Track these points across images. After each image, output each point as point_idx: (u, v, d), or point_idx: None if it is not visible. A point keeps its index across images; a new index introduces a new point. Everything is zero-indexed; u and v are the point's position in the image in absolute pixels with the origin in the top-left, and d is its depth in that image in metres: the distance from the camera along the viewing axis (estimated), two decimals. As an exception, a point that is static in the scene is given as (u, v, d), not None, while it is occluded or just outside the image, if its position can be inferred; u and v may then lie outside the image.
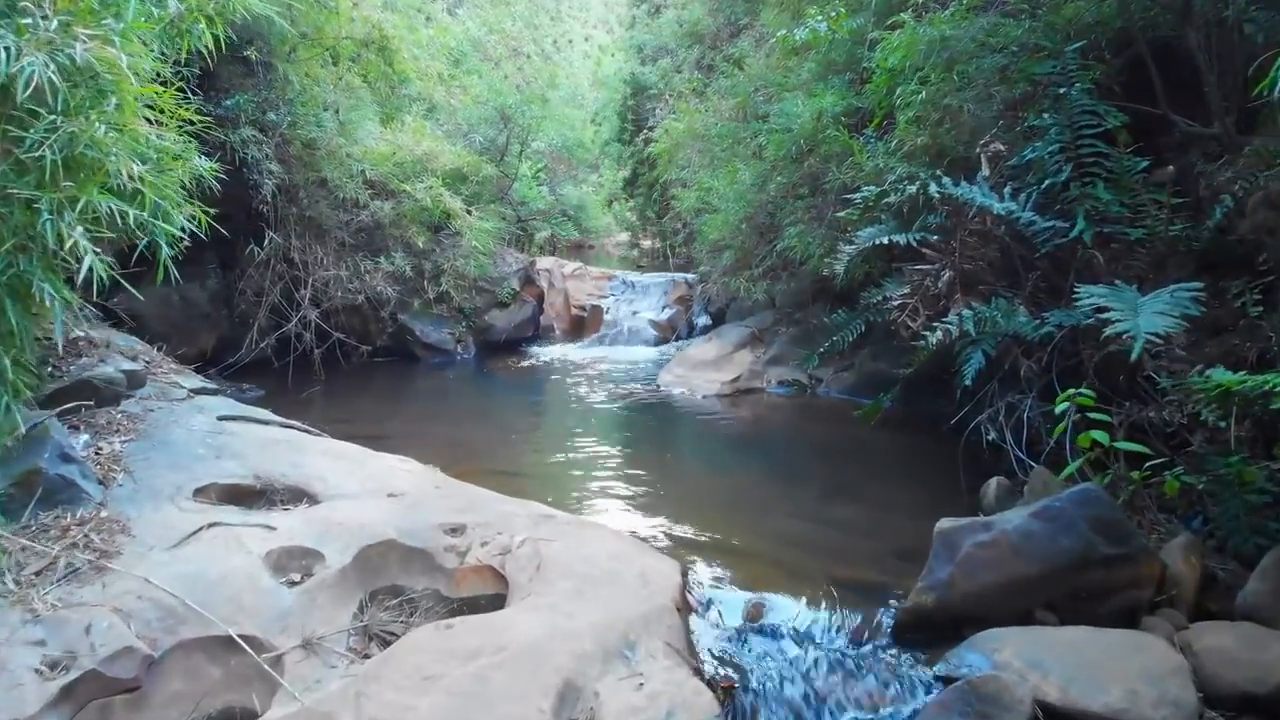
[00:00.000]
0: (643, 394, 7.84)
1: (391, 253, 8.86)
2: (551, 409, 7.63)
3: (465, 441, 6.20)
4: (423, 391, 8.37)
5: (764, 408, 7.49)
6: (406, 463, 4.78)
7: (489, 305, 10.14)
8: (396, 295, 9.00)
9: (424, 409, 7.46)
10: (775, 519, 4.67)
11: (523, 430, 6.62)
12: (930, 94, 5.63)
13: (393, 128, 9.52)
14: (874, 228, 5.94)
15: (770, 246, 8.50)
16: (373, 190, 9.00)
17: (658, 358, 9.97)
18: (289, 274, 8.75)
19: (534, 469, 5.53)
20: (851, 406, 7.30)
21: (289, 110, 8.03)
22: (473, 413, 7.22)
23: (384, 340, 9.47)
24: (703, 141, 10.06)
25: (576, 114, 21.63)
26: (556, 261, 13.01)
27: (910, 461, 5.78)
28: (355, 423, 6.84)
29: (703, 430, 6.71)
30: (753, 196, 8.55)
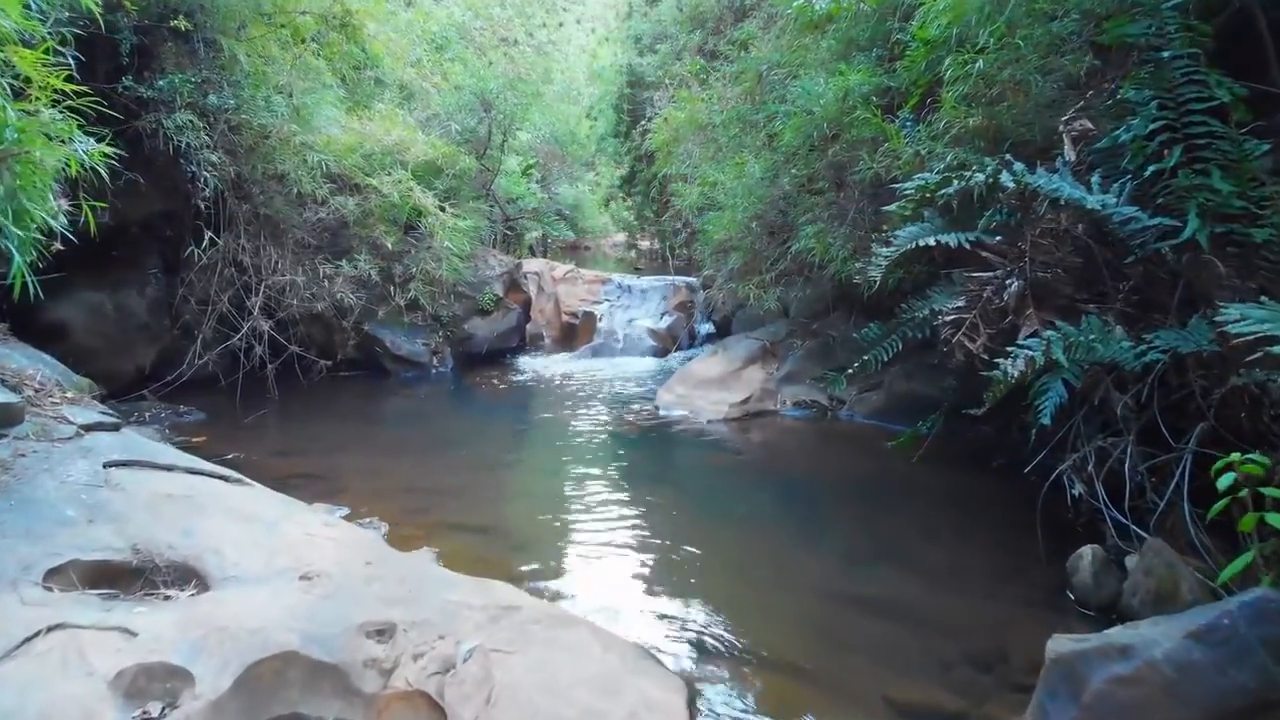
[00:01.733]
0: (639, 418, 6.83)
1: (356, 255, 7.85)
2: (533, 438, 6.62)
3: (426, 483, 5.19)
4: (388, 414, 7.36)
5: (779, 435, 6.48)
6: (336, 524, 3.76)
7: (469, 313, 9.13)
8: (361, 303, 7.99)
9: (386, 437, 6.45)
10: (805, 598, 3.66)
11: (496, 467, 5.61)
12: (987, 65, 4.63)
13: (360, 115, 8.50)
14: (916, 227, 4.93)
15: (783, 248, 7.50)
16: (335, 185, 7.98)
17: (656, 371, 8.97)
18: (240, 279, 7.74)
19: (505, 523, 4.52)
20: (881, 434, 6.31)
21: (234, 93, 7.01)
22: (441, 442, 6.21)
23: (350, 353, 8.46)
24: (706, 132, 9.04)
25: (572, 109, 20.67)
26: (546, 264, 12.01)
27: (965, 509, 4.77)
28: (301, 455, 5.86)
29: (709, 466, 5.70)
30: (763, 191, 7.54)
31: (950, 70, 4.83)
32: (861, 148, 5.68)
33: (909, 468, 5.35)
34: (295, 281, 7.66)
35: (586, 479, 5.23)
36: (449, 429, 6.71)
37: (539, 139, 13.14)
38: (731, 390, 6.88)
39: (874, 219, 6.53)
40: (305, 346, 8.02)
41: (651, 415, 6.89)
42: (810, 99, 6.05)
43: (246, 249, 7.78)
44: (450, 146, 8.60)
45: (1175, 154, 3.78)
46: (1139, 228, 3.81)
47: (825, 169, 6.30)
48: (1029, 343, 3.65)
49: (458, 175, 8.51)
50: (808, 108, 6.07)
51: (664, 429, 6.49)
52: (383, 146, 8.16)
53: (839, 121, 5.89)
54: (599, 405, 7.32)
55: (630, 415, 6.89)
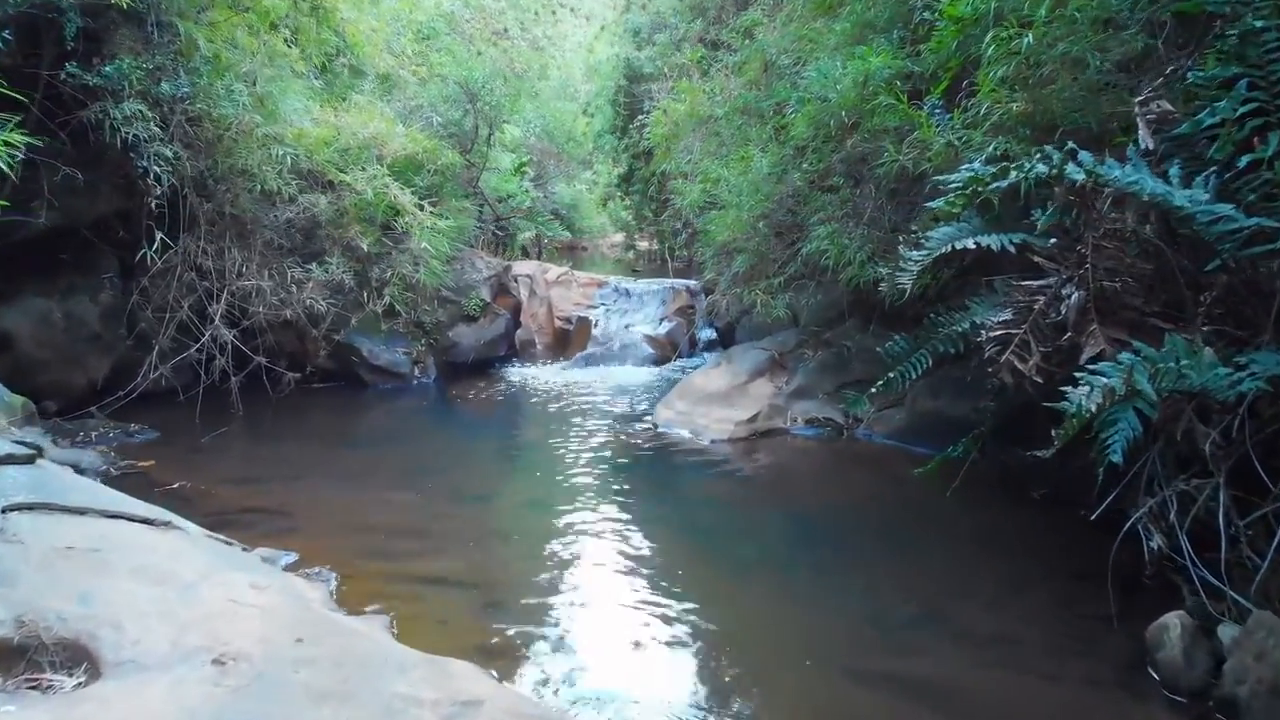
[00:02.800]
0: (636, 438, 6.20)
1: (328, 258, 7.22)
2: (517, 463, 5.98)
3: (393, 518, 4.57)
4: (360, 432, 6.73)
5: (790, 458, 5.86)
6: (268, 584, 3.13)
7: (454, 319, 8.51)
8: (335, 309, 7.36)
9: (354, 461, 5.82)
10: (828, 676, 3.03)
11: (473, 499, 4.98)
12: (1036, 39, 4.01)
13: (336, 107, 7.88)
14: (951, 227, 4.32)
15: (792, 250, 6.88)
16: (306, 182, 7.36)
17: (655, 382, 8.35)
18: (202, 285, 7.12)
19: (477, 572, 3.89)
20: (903, 457, 5.69)
21: (190, 81, 6.39)
22: (415, 468, 5.59)
23: (324, 362, 7.83)
24: (707, 125, 8.43)
25: (568, 106, 20.03)
26: (539, 266, 11.37)
27: (1010, 554, 4.14)
28: (257, 484, 5.24)
29: (713, 498, 5.07)
30: (770, 188, 6.92)
31: (991, 48, 4.20)
32: (885, 138, 5.06)
33: (939, 498, 4.74)
34: (261, 287, 7.03)
35: (574, 516, 4.60)
36: (425, 451, 6.08)
37: (532, 133, 12.50)
38: (737, 407, 6.26)
39: (895, 218, 5.93)
40: (274, 356, 7.41)
41: (649, 435, 6.26)
42: (825, 85, 5.42)
43: (209, 251, 7.16)
44: (432, 140, 7.98)
45: (1273, 142, 3.17)
46: (1228, 229, 3.19)
47: (842, 162, 5.68)
48: (1103, 368, 3.02)
49: (440, 171, 7.89)
50: (822, 94, 5.44)
51: (663, 451, 5.86)
52: (359, 140, 7.54)
53: (858, 109, 5.27)
54: (591, 422, 6.69)
55: (625, 435, 6.27)
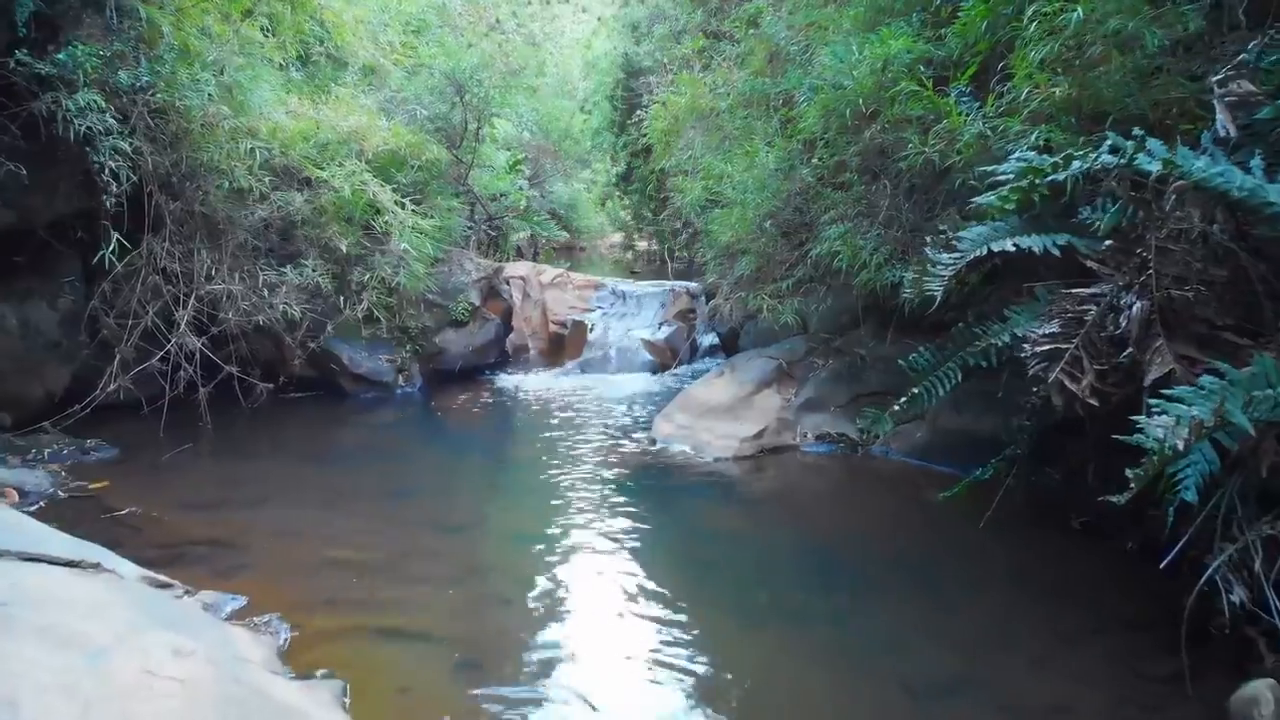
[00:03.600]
0: (633, 456, 5.73)
1: (303, 260, 6.75)
2: (502, 485, 5.49)
3: (362, 551, 4.10)
4: (336, 448, 6.25)
5: (800, 478, 5.39)
6: (189, 657, 2.65)
7: (440, 324, 8.03)
8: (311, 314, 6.89)
9: (326, 481, 5.35)
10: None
11: (453, 528, 4.49)
12: (1085, 13, 3.54)
13: (316, 99, 7.41)
14: (985, 227, 3.86)
15: (801, 251, 6.41)
16: (281, 178, 6.89)
17: (653, 391, 7.88)
18: (169, 289, 6.64)
19: (452, 621, 3.41)
20: (924, 477, 5.23)
21: (151, 69, 5.91)
22: (392, 489, 5.12)
23: (302, 370, 7.35)
24: (710, 119, 7.96)
25: (566, 104, 19.57)
26: (533, 267, 10.91)
27: (1054, 595, 3.66)
28: (215, 509, 4.77)
29: (721, 526, 4.58)
30: (777, 185, 6.45)
31: (1034, 26, 3.74)
32: (907, 128, 4.59)
33: (967, 528, 4.27)
34: (232, 291, 6.56)
35: (563, 551, 4.13)
36: (405, 470, 5.61)
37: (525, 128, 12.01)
38: (742, 421, 5.79)
39: (914, 216, 5.46)
40: (248, 365, 6.93)
41: (648, 451, 5.79)
42: (841, 71, 4.95)
43: (176, 253, 6.69)
44: (417, 135, 7.50)
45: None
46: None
47: (858, 156, 5.20)
48: (1183, 394, 2.56)
49: (425, 167, 7.41)
50: (837, 81, 4.97)
51: (662, 471, 5.39)
52: (338, 134, 7.06)
53: (877, 97, 4.80)
54: (585, 437, 6.22)
55: (622, 452, 5.79)
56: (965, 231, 3.87)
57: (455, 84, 7.91)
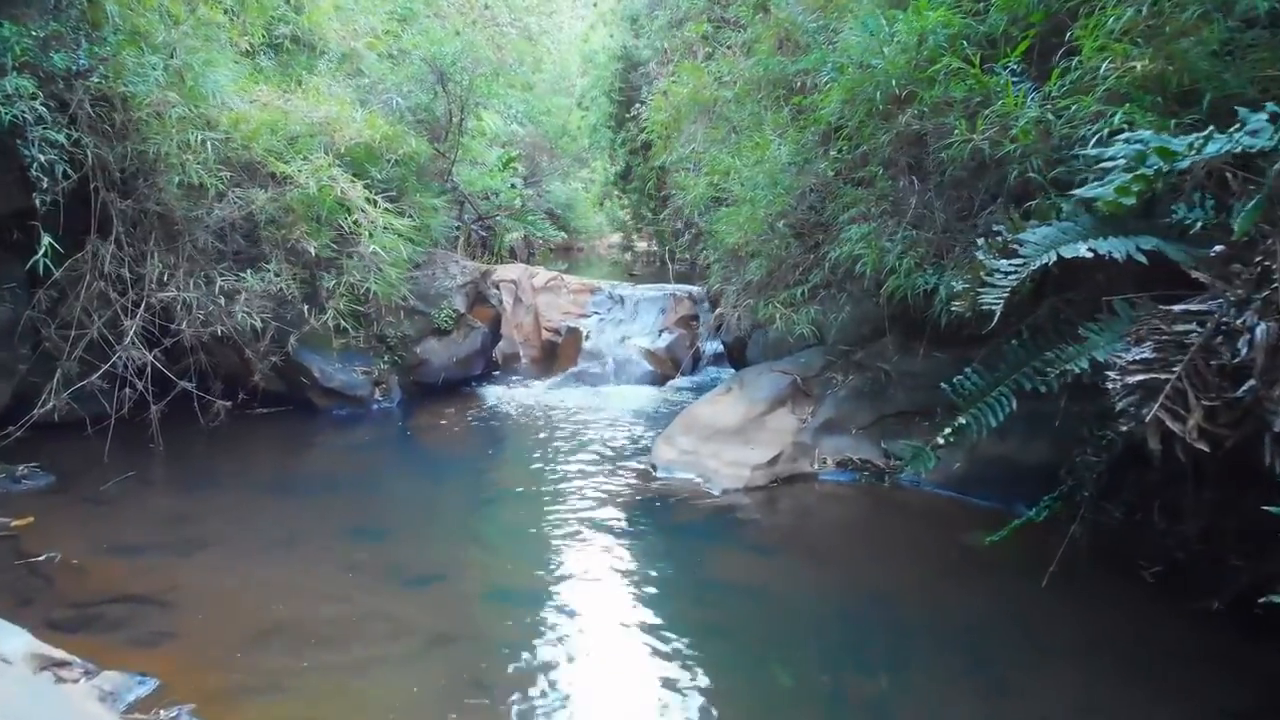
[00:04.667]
0: (631, 485, 5.10)
1: (265, 265, 6.11)
2: (481, 523, 4.79)
3: (305, 612, 3.47)
4: (299, 475, 5.60)
5: (822, 513, 4.75)
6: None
7: (422, 333, 7.39)
8: (277, 324, 6.26)
9: (282, 515, 4.72)
10: None
11: (419, 580, 3.81)
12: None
13: (285, 88, 6.76)
14: (1051, 228, 3.23)
15: (818, 255, 5.78)
16: (244, 174, 6.25)
17: (653, 406, 7.25)
18: (120, 297, 6.01)
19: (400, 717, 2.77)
20: (962, 511, 4.60)
21: (90, 52, 5.28)
22: (353, 529, 4.48)
23: (271, 383, 6.71)
24: (715, 110, 7.33)
25: (563, 101, 18.94)
26: (525, 270, 10.27)
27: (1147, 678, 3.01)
28: (147, 554, 4.14)
29: (732, 578, 3.90)
30: (790, 181, 5.82)
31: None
32: (950, 113, 3.94)
33: (1021, 580, 3.65)
34: (186, 298, 5.92)
35: (548, 613, 3.49)
36: (373, 503, 4.98)
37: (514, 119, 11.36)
38: (753, 445, 5.15)
39: (947, 215, 4.82)
40: (208, 379, 6.31)
41: (647, 481, 5.15)
42: (869, 49, 4.31)
43: (127, 257, 6.05)
44: (394, 126, 6.86)
45: None
46: None
47: (890, 145, 4.56)
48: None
49: (402, 161, 6.76)
50: (865, 60, 4.33)
51: (664, 506, 4.74)
52: (307, 125, 6.42)
53: (911, 78, 4.16)
54: (577, 463, 5.58)
55: (619, 481, 5.15)
56: (1027, 233, 3.24)
57: (436, 71, 7.27)
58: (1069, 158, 3.49)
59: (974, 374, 3.75)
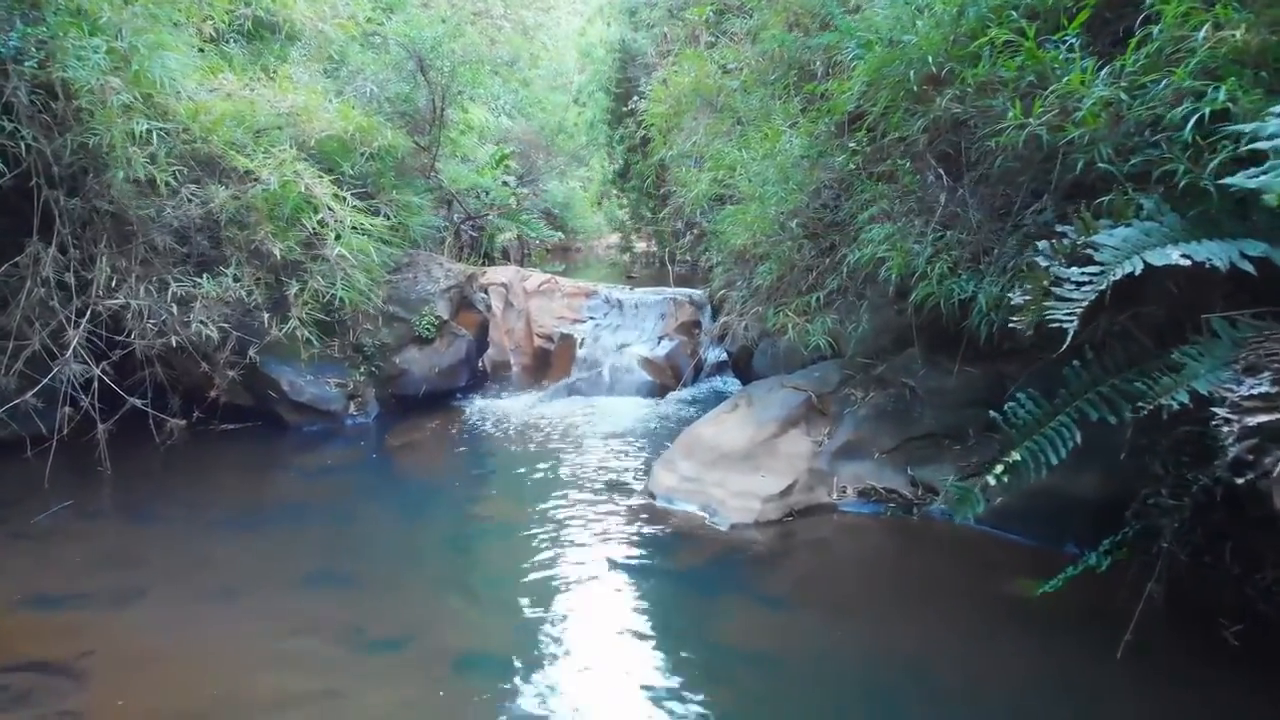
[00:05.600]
0: (626, 518, 4.54)
1: (224, 268, 5.56)
2: (457, 565, 4.19)
3: (238, 691, 2.91)
4: (258, 504, 5.02)
5: (844, 555, 4.19)
6: None
7: (402, 341, 6.84)
8: (239, 334, 5.70)
9: (232, 555, 4.16)
10: None
11: (381, 645, 3.24)
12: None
13: (250, 75, 6.21)
14: (1131, 229, 2.68)
15: (834, 257, 5.24)
16: (203, 169, 5.70)
17: (652, 421, 6.70)
18: (59, 305, 5.46)
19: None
20: (1002, 552, 4.05)
21: (21, 33, 4.73)
22: (311, 575, 3.92)
23: (235, 396, 6.17)
24: (720, 100, 6.79)
25: (560, 99, 18.42)
26: (517, 272, 9.72)
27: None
28: (65, 607, 3.60)
29: (745, 640, 3.29)
30: (804, 176, 5.28)
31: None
32: (998, 94, 3.39)
33: (1081, 642, 3.10)
34: (137, 306, 5.37)
35: (530, 688, 2.94)
36: (337, 540, 4.42)
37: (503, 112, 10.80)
38: (764, 472, 4.59)
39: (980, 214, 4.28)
40: (165, 392, 5.76)
41: (644, 512, 4.59)
42: (899, 23, 3.76)
43: (73, 261, 5.50)
44: (369, 117, 6.29)
45: None
46: None
47: (924, 134, 4.01)
48: None
49: (378, 156, 6.21)
50: (895, 36, 3.78)
51: (664, 545, 4.18)
52: (274, 116, 5.87)
53: (950, 55, 3.61)
54: (568, 490, 5.02)
55: (614, 513, 4.60)
56: (1101, 235, 2.69)
57: (415, 57, 6.70)
58: (1144, 144, 2.94)
59: (1028, 400, 3.20)
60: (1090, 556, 3.39)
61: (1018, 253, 4.01)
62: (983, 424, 4.78)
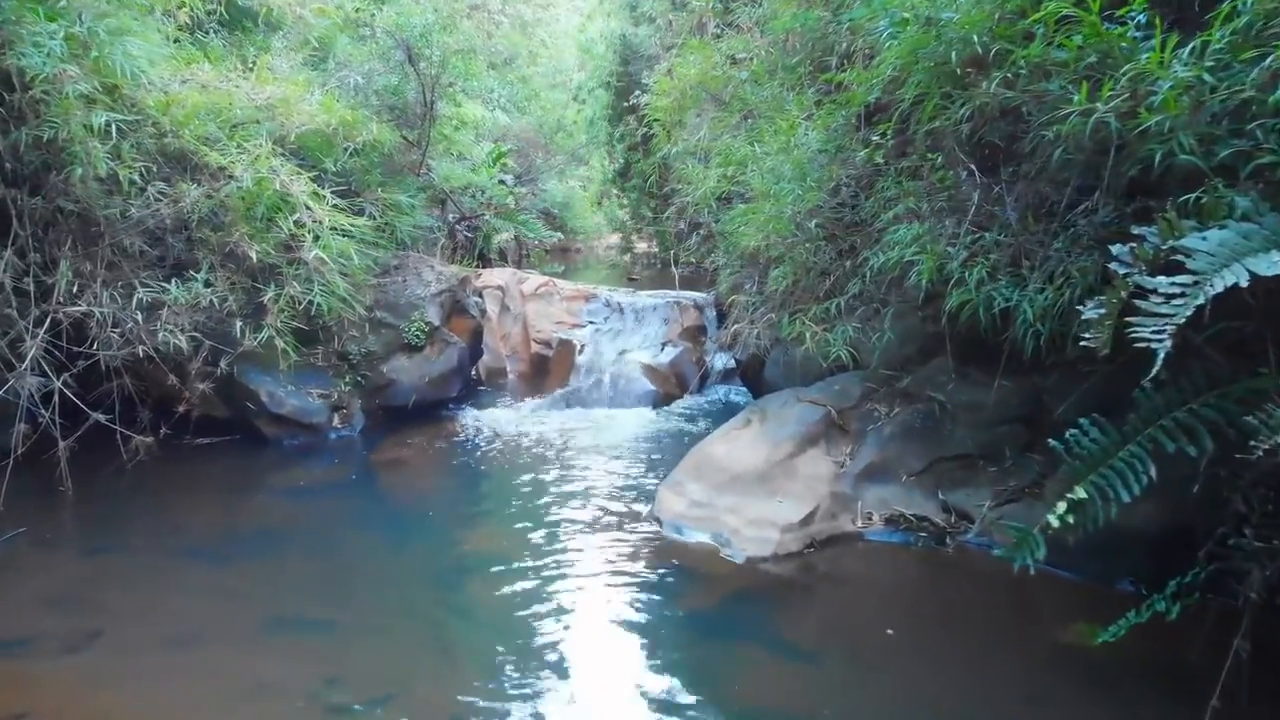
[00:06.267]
0: (630, 549, 4.13)
1: (194, 273, 5.17)
2: (441, 609, 3.72)
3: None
4: (228, 532, 4.58)
5: (873, 593, 3.77)
6: None
7: (390, 349, 6.43)
8: (210, 343, 5.30)
9: (191, 599, 3.75)
10: None
11: (341, 713, 2.90)
12: None
13: (225, 65, 5.81)
14: (1224, 231, 2.27)
15: (855, 261, 4.84)
16: (171, 166, 5.30)
17: (656, 433, 6.30)
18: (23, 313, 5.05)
19: None
20: (1049, 590, 3.64)
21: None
22: (277, 618, 3.52)
23: (212, 408, 5.78)
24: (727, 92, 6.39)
25: (559, 96, 18.02)
26: (514, 275, 9.31)
27: None
28: (4, 658, 3.18)
29: (771, 703, 2.90)
30: (823, 172, 4.88)
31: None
32: (1058, 77, 2.98)
33: (1148, 697, 2.70)
34: (99, 314, 4.97)
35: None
36: (309, 575, 4.01)
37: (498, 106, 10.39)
38: (781, 497, 4.18)
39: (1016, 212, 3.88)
40: (135, 405, 5.36)
41: (650, 542, 4.19)
42: (936, 0, 3.36)
43: (33, 264, 5.10)
44: (354, 111, 5.89)
45: None
46: None
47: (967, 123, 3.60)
48: None
49: (363, 151, 5.80)
50: (932, 12, 3.38)
51: (672, 583, 3.76)
52: (249, 109, 5.47)
53: (996, 34, 3.20)
54: (565, 514, 4.62)
55: (615, 544, 4.19)
56: (1191, 238, 2.29)
57: (403, 45, 6.29)
58: (1232, 134, 2.54)
59: (1094, 428, 2.79)
60: (1157, 600, 2.99)
61: (1066, 256, 3.62)
62: (1020, 443, 4.41)
